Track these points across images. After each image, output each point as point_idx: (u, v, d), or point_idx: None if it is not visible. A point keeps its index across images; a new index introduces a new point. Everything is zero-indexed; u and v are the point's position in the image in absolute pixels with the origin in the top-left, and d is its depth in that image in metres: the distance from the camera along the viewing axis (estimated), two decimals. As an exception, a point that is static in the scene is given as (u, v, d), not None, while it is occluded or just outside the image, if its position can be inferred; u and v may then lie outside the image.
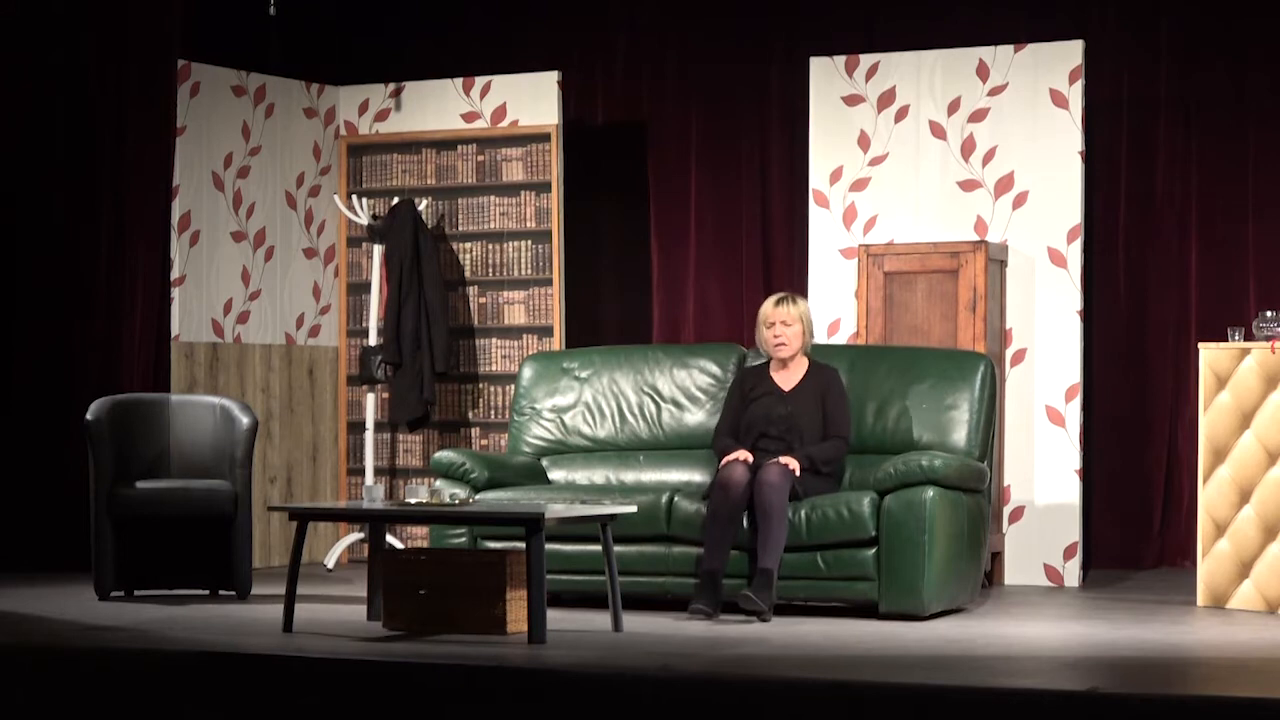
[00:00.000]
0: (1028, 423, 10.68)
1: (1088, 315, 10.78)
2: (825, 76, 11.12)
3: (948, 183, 10.89)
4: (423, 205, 11.72)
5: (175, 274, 11.14)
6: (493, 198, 11.79)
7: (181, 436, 9.96)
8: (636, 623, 8.65)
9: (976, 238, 10.75)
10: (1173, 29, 10.97)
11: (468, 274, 11.82)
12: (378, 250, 11.60)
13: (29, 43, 10.89)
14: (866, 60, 11.06)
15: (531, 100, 11.70)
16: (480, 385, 11.80)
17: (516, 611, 8.30)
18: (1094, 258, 10.97)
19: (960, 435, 9.56)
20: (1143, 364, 11.07)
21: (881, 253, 10.67)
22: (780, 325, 9.41)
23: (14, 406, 10.91)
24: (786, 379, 9.45)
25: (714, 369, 10.14)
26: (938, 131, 10.91)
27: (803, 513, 9.05)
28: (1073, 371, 10.67)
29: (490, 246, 11.79)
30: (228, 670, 7.28)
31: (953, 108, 10.90)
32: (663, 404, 10.15)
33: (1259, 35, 10.81)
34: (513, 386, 10.77)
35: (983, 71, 10.84)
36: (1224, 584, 9.31)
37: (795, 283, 11.41)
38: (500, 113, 11.78)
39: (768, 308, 9.47)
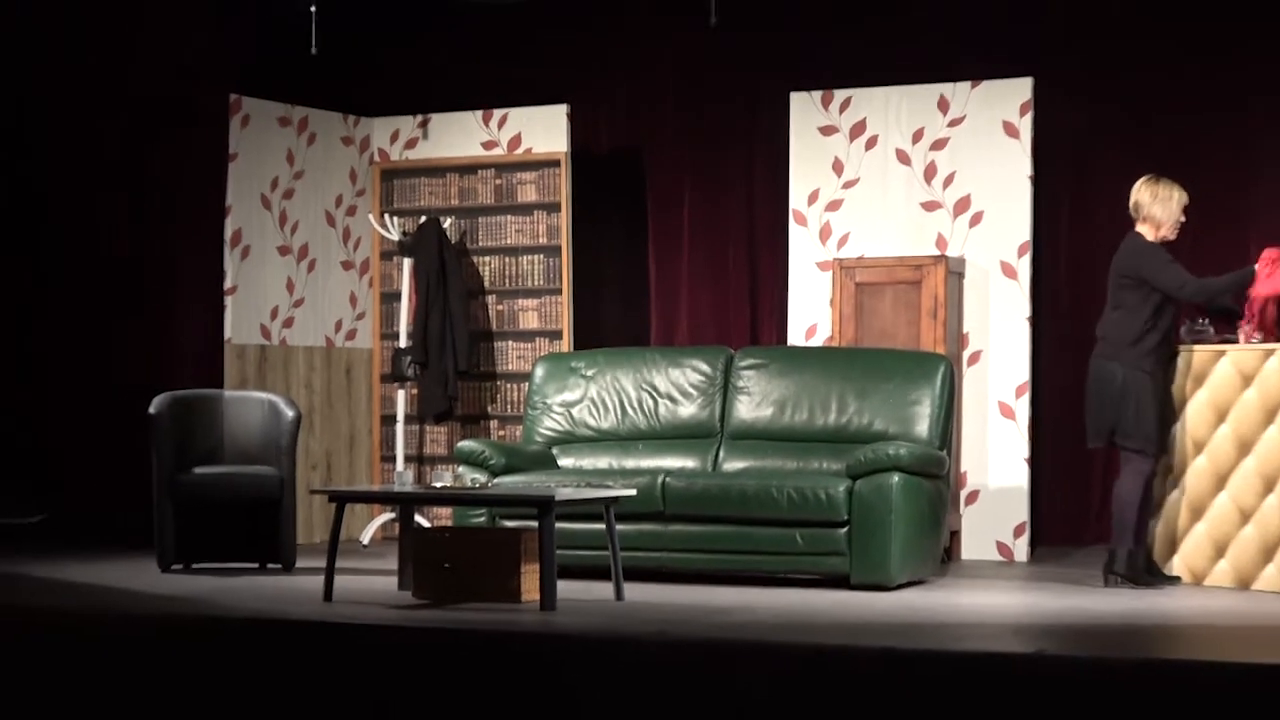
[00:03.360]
0: (982, 416, 10.69)
1: (1035, 321, 10.79)
2: (803, 109, 11.14)
3: (912, 204, 10.90)
4: (447, 223, 11.73)
5: (228, 284, 11.16)
6: (509, 217, 11.80)
7: (234, 428, 9.97)
8: (636, 592, 8.66)
9: (937, 252, 10.76)
10: (1114, 68, 10.96)
11: (487, 284, 11.83)
12: (407, 263, 11.61)
13: (93, 78, 10.90)
14: (840, 95, 11.07)
15: (543, 130, 11.71)
16: (498, 383, 11.81)
17: (530, 582, 8.31)
18: (1041, 270, 10.97)
19: (923, 427, 9.58)
20: (1083, 365, 11.05)
21: (853, 266, 10.69)
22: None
23: (88, 403, 10.93)
24: None
25: (704, 368, 10.16)
26: (903, 158, 10.93)
27: (786, 494, 9.07)
28: (1022, 371, 10.69)
29: (507, 260, 11.80)
30: (274, 634, 7.29)
31: (916, 137, 10.91)
32: (659, 399, 10.16)
33: (1193, 74, 10.81)
34: (527, 384, 10.78)
35: (943, 105, 10.85)
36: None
37: (777, 292, 11.42)
38: (515, 141, 11.79)
39: (1182, 195, 9.11)
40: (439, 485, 8.78)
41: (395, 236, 11.71)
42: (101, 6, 10.87)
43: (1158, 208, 9.14)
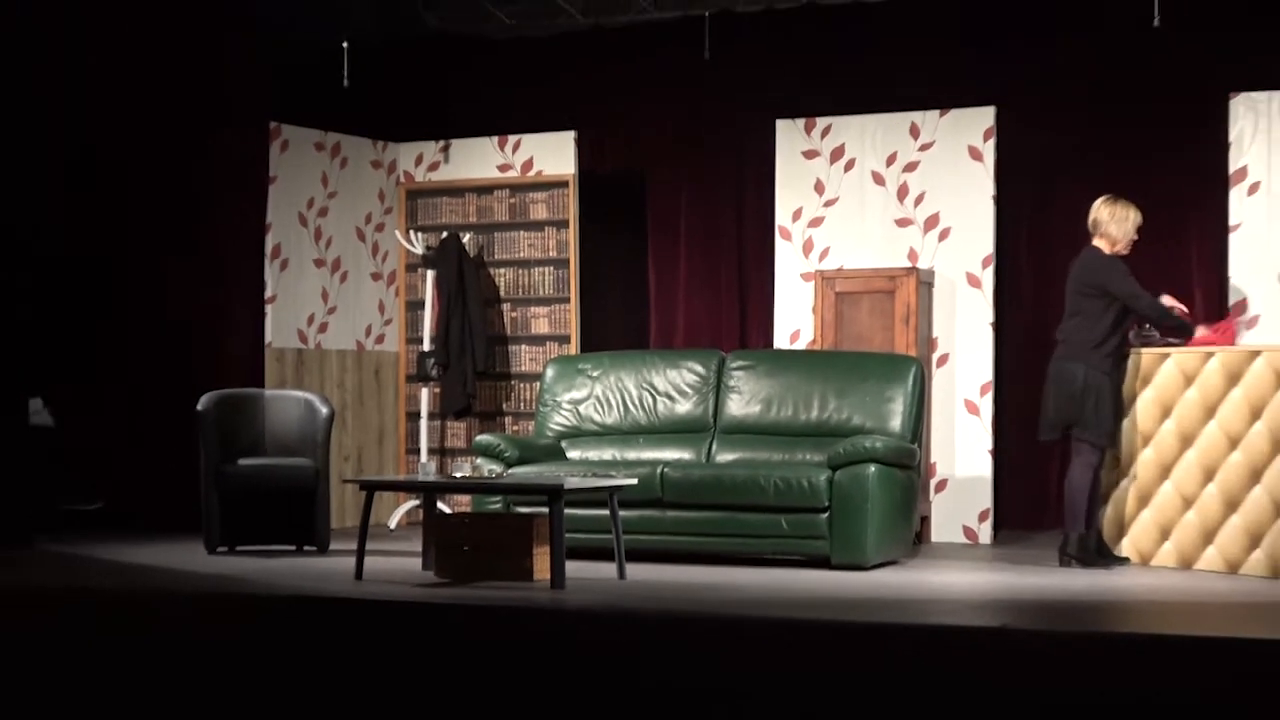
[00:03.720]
0: (950, 412, 10.69)
1: (998, 327, 10.79)
2: (788, 135, 11.14)
3: (886, 221, 10.90)
4: (466, 239, 11.73)
5: (268, 293, 11.16)
6: (522, 233, 11.80)
7: (274, 423, 9.97)
8: (637, 572, 8.66)
9: (909, 265, 10.76)
10: (1068, 99, 10.97)
11: (502, 293, 11.84)
12: (430, 274, 11.62)
13: (154, 115, 10.91)
14: (821, 122, 11.07)
15: (553, 154, 11.72)
16: (512, 382, 11.81)
17: (541, 563, 8.31)
18: (1003, 281, 10.97)
19: (896, 422, 9.57)
20: (1041, 366, 11.03)
21: (833, 277, 10.69)
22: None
23: (143, 402, 10.92)
24: None
25: (699, 369, 10.16)
26: (878, 180, 10.93)
27: (772, 483, 9.07)
28: (986, 372, 10.69)
29: (520, 271, 11.80)
30: (310, 610, 7.29)
31: (890, 160, 10.91)
32: (658, 397, 10.16)
33: (1139, 106, 10.83)
34: (538, 383, 10.77)
35: (914, 131, 10.86)
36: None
37: (764, 300, 11.42)
38: (528, 164, 11.80)
39: (1137, 215, 9.06)
40: (459, 475, 8.77)
41: (419, 250, 11.72)
42: (158, 48, 10.86)
43: (1114, 226, 9.14)
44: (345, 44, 11.56)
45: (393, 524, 11.43)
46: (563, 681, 6.56)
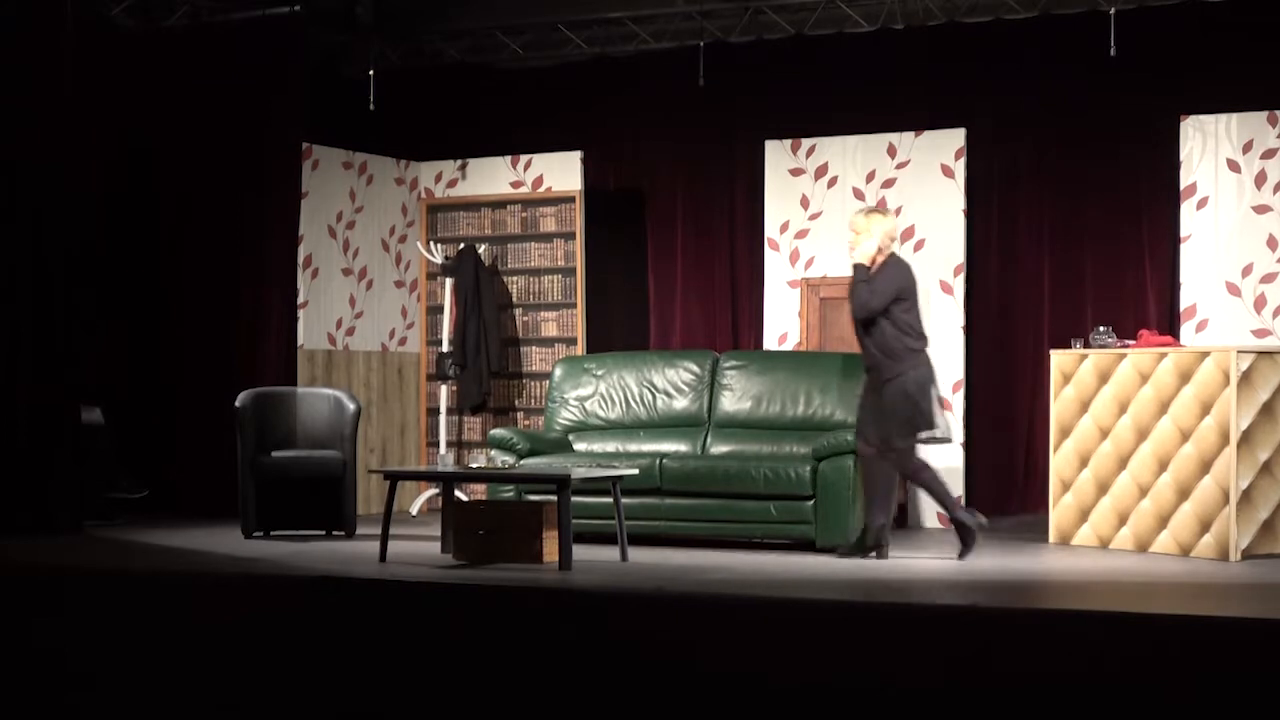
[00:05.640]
0: (925, 408, 10.65)
1: (969, 329, 10.76)
2: (777, 154, 11.11)
3: (866, 232, 10.86)
4: (482, 250, 11.70)
5: (300, 299, 11.12)
6: (533, 244, 11.77)
7: (305, 418, 9.94)
8: (638, 554, 8.64)
9: (887, 273, 10.72)
10: (1031, 121, 10.96)
11: (514, 299, 11.81)
12: (449, 282, 11.59)
13: (198, 138, 10.88)
14: (807, 143, 11.04)
15: (561, 172, 11.68)
16: (524, 381, 11.78)
17: (550, 546, 8.29)
18: (973, 288, 10.95)
19: (875, 417, 9.53)
20: (1008, 365, 11.06)
21: (817, 284, 10.66)
22: (851, 233, 8.85)
23: (186, 398, 10.89)
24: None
25: (694, 368, 10.13)
26: (859, 195, 10.89)
27: (762, 473, 9.04)
28: (958, 370, 10.65)
29: (531, 279, 11.77)
30: (339, 589, 7.27)
31: (870, 177, 10.88)
32: (657, 394, 10.14)
33: (1090, 129, 10.81)
34: (548, 381, 10.75)
35: (891, 151, 10.82)
36: (1068, 527, 9.28)
37: (754, 305, 11.40)
38: (538, 181, 11.76)
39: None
40: (475, 466, 8.74)
41: (439, 260, 11.69)
42: (210, 84, 10.86)
43: None
44: (371, 73, 11.58)
45: (414, 511, 11.40)
46: (569, 656, 6.53)
